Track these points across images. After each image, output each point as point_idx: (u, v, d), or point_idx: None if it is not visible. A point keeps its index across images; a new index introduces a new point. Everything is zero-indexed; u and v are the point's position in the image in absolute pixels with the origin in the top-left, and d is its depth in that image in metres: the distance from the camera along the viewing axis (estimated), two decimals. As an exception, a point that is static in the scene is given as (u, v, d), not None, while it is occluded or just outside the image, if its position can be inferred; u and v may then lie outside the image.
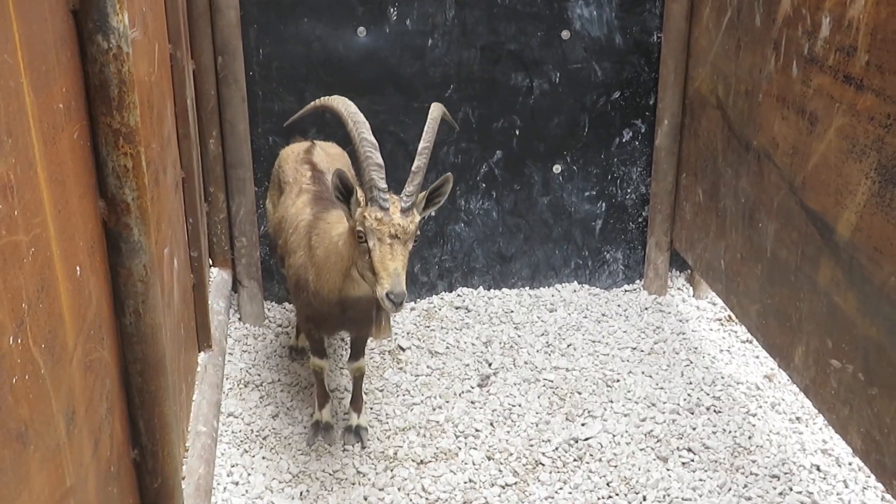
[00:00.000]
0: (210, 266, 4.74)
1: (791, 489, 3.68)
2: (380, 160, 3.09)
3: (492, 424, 4.08)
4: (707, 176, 4.49)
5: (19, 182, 1.47)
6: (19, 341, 1.41)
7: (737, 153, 4.07)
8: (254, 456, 3.85)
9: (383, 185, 3.09)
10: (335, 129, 4.71)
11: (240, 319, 4.93)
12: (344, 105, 3.28)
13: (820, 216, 3.27)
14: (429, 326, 4.88)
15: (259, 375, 4.42)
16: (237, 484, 3.68)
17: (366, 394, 4.25)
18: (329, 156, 4.18)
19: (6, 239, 1.38)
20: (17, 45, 1.51)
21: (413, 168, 3.14)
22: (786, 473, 3.77)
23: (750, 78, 3.89)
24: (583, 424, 4.07)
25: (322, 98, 3.43)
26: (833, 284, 3.19)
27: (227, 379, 4.35)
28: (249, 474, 3.73)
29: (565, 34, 4.79)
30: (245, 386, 4.34)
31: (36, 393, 1.49)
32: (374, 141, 3.13)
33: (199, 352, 4.05)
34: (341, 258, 3.34)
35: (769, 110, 3.70)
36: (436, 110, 3.36)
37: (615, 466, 3.81)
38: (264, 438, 3.97)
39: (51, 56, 1.73)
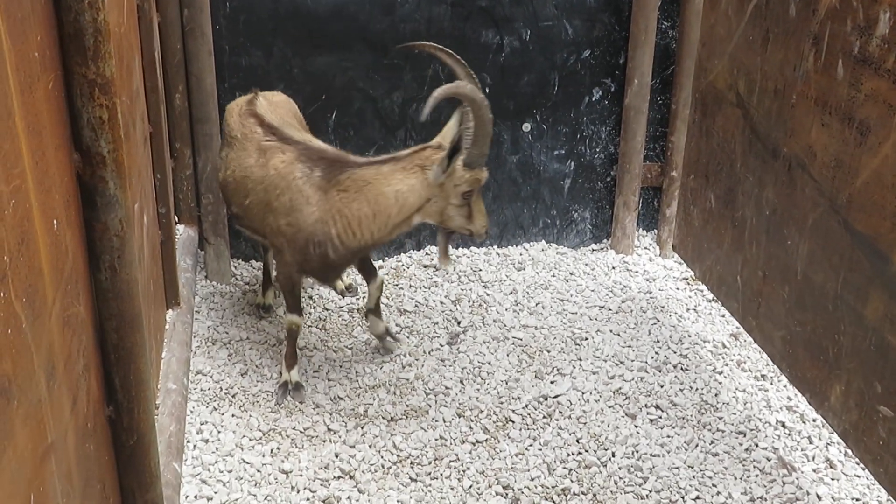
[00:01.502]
0: (176, 223, 4.68)
1: (757, 445, 3.74)
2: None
3: (462, 382, 4.09)
4: (721, 180, 4.05)
5: (-1, 132, 1.43)
6: (2, 294, 1.38)
7: (761, 159, 3.65)
8: (223, 413, 3.83)
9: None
10: (302, 85, 4.66)
11: (206, 277, 4.88)
12: (476, 93, 3.41)
13: (870, 241, 2.88)
14: (397, 285, 4.87)
15: (227, 333, 4.39)
16: (207, 441, 3.66)
17: (334, 351, 4.26)
18: (273, 104, 4.13)
19: (-12, 190, 1.35)
20: (-7, -11, 1.47)
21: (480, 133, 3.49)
22: (752, 430, 3.83)
23: (780, 75, 3.45)
24: (552, 382, 4.10)
25: (454, 85, 3.44)
26: (887, 321, 2.81)
27: (195, 337, 4.31)
28: (219, 432, 3.72)
29: (536, -9, 4.76)
30: (213, 344, 4.31)
31: (18, 347, 1.46)
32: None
33: (168, 309, 4.01)
34: (400, 210, 3.65)
35: (805, 114, 3.28)
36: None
37: (584, 423, 3.85)
38: (233, 396, 3.95)
39: (26, 3, 1.68)
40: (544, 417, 3.88)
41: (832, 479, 3.59)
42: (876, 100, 2.81)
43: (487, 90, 4.90)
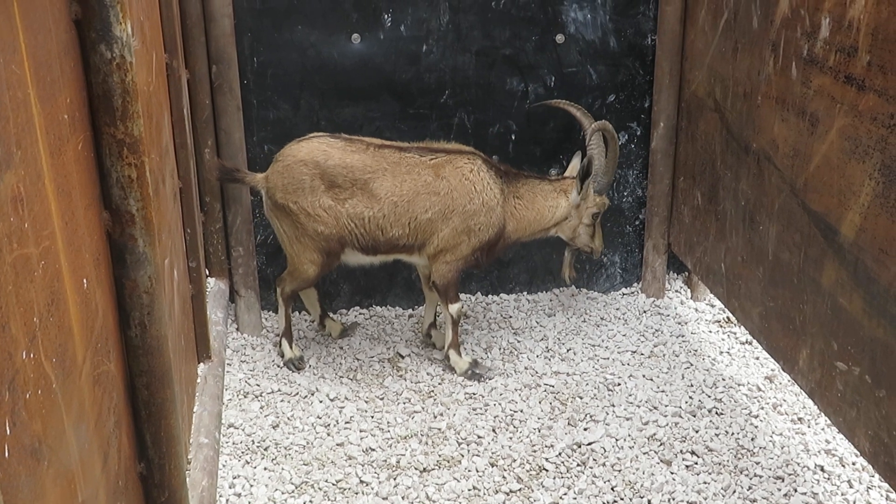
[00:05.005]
0: (207, 276, 4.71)
1: (795, 490, 3.67)
2: None
3: (494, 431, 4.06)
4: (705, 179, 4.48)
5: (29, 194, 1.45)
6: (32, 356, 1.39)
7: (736, 155, 4.05)
8: (255, 467, 3.82)
9: None
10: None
11: (237, 329, 4.90)
12: (615, 133, 4.47)
13: (823, 217, 3.25)
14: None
15: (258, 385, 4.39)
16: (240, 496, 3.65)
17: (365, 402, 4.25)
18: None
19: (18, 252, 1.36)
20: (23, 55, 1.49)
21: (611, 165, 4.49)
22: (790, 475, 3.76)
23: (748, 80, 3.87)
24: (585, 429, 4.06)
25: (603, 123, 4.41)
26: (838, 286, 3.17)
27: (226, 390, 4.32)
28: (252, 486, 3.70)
29: (560, 38, 4.79)
30: (245, 396, 4.31)
31: (48, 408, 1.47)
32: None
33: (199, 363, 4.02)
34: (549, 220, 4.54)
35: (768, 112, 3.68)
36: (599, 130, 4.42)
37: (619, 471, 3.80)
38: (265, 449, 3.94)
39: (55, 66, 1.71)
40: (578, 465, 3.84)
41: (875, 525, 3.52)
42: (822, 94, 3.23)
43: (514, 137, 4.93)
